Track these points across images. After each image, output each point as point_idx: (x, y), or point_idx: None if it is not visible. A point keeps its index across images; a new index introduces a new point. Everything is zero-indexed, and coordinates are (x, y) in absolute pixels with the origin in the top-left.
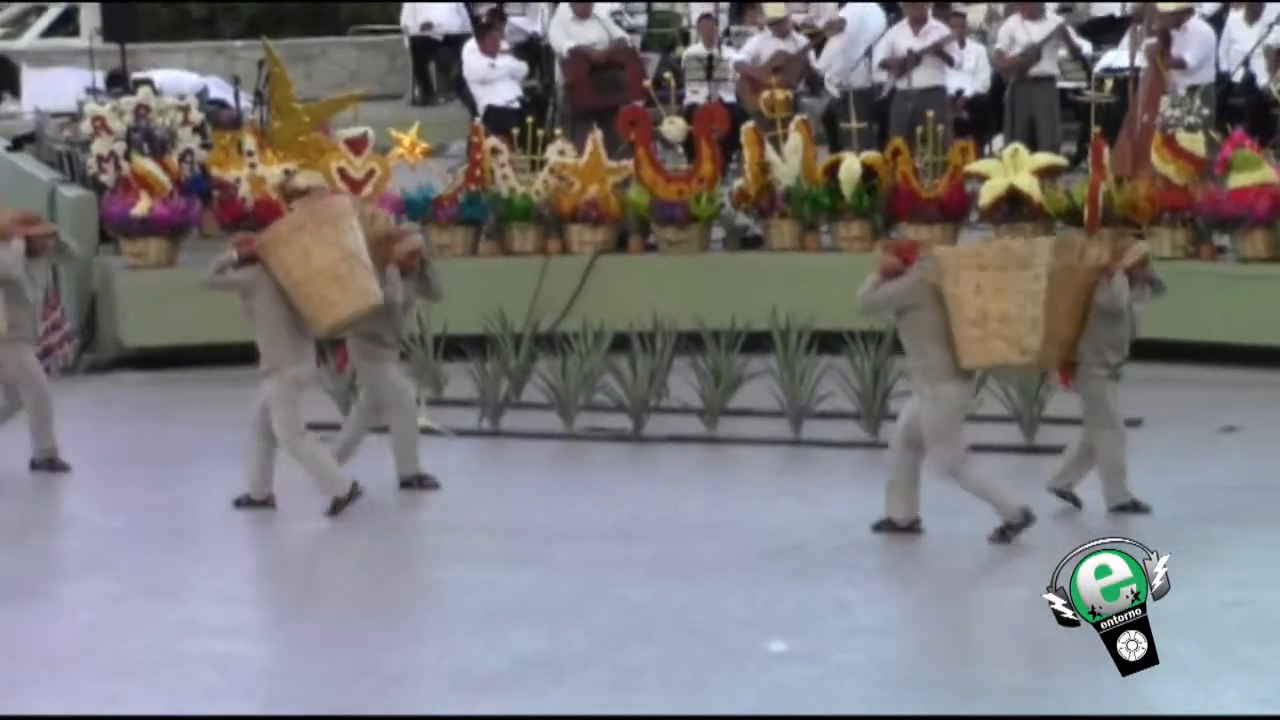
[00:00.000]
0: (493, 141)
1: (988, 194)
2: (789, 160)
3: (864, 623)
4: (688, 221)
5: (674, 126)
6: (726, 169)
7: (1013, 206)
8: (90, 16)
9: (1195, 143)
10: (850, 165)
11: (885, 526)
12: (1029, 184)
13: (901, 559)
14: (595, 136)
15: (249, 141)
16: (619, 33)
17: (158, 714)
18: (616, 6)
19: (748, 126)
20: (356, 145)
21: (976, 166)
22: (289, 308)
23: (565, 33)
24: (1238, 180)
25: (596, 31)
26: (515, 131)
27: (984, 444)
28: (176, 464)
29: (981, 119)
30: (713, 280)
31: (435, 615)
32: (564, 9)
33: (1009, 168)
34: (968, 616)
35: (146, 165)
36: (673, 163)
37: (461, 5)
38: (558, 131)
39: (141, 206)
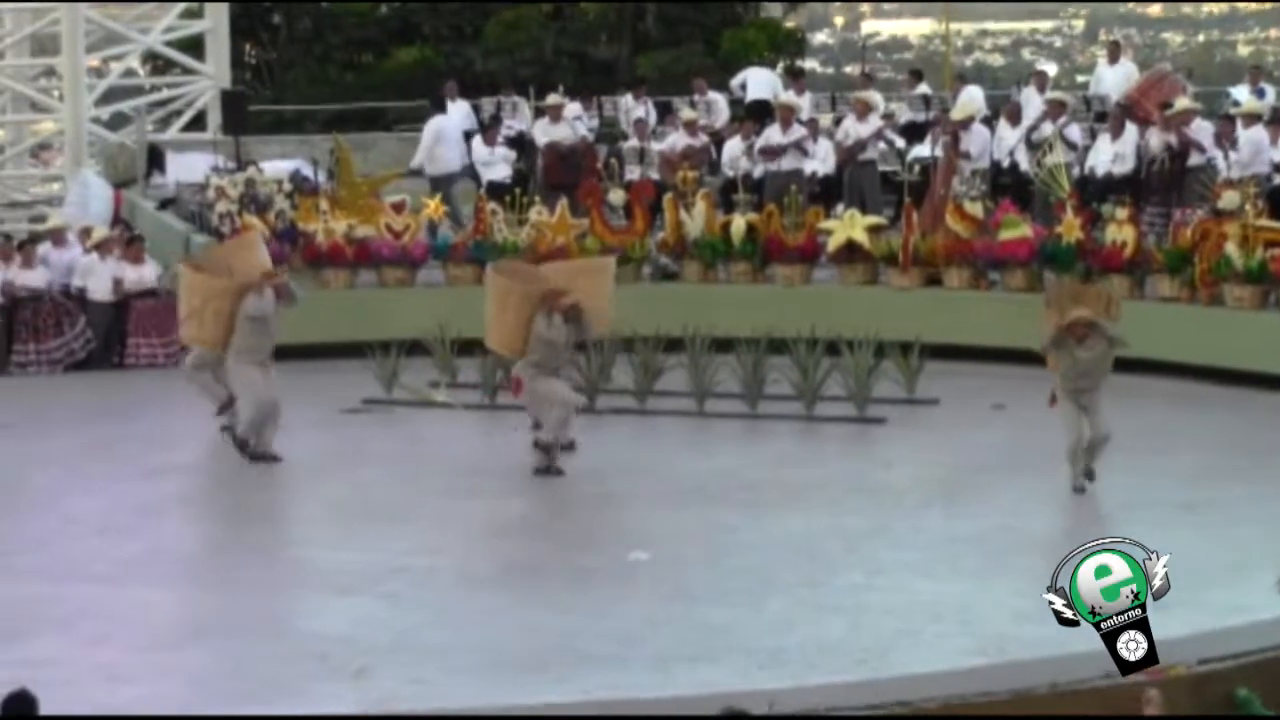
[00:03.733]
0: (492, 205)
1: (833, 243)
2: (696, 220)
3: (746, 538)
4: (626, 261)
5: (617, 196)
6: (653, 225)
7: (850, 251)
8: (214, 116)
9: (976, 209)
10: (738, 223)
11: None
12: (862, 236)
13: (777, 495)
14: (562, 203)
15: (324, 204)
16: (582, 130)
17: (163, 714)
18: (578, 110)
19: (668, 196)
20: (398, 207)
21: (825, 224)
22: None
23: (543, 132)
24: (1006, 235)
25: (565, 130)
26: (508, 198)
27: (826, 415)
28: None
29: (828, 192)
30: (643, 301)
31: (450, 530)
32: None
33: (848, 225)
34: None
35: (253, 220)
36: (616, 221)
37: (470, 111)
38: (537, 199)
39: None
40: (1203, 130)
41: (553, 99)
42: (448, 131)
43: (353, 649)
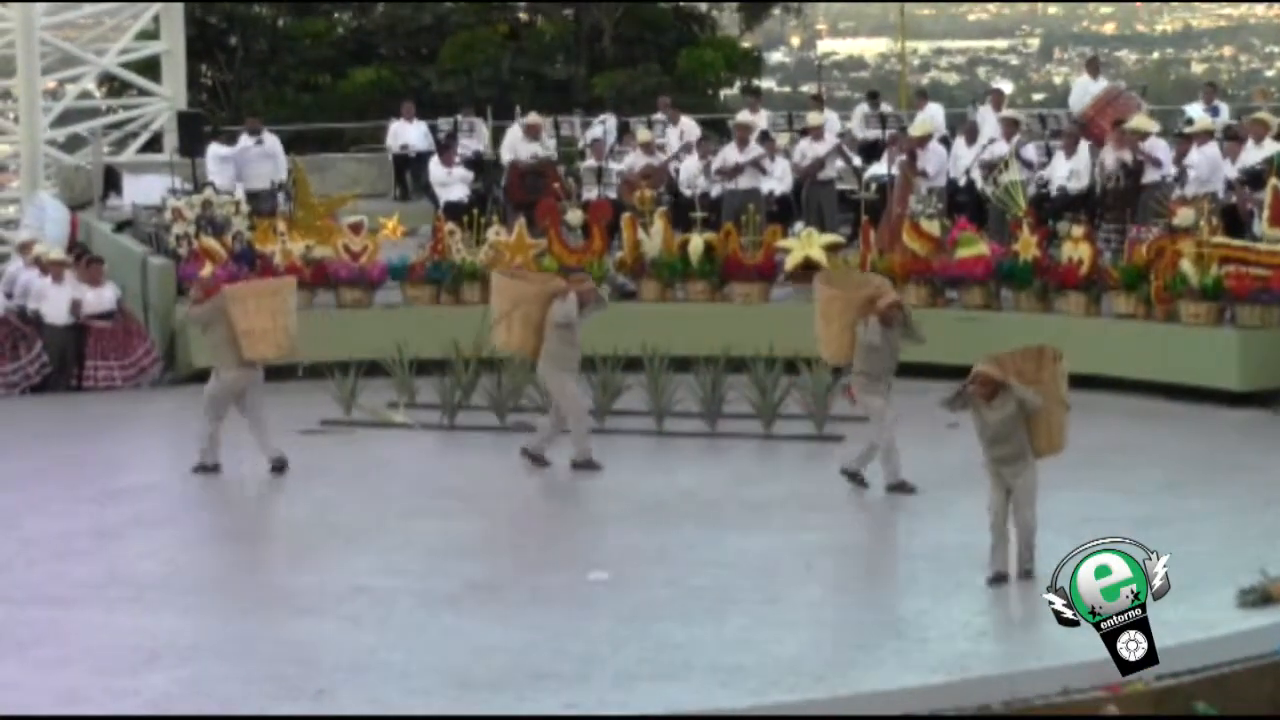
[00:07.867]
0: (450, 225)
1: (790, 262)
2: (654, 239)
3: (705, 556)
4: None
5: (575, 215)
6: (611, 245)
7: (808, 270)
8: (170, 139)
9: (933, 227)
10: (696, 242)
11: (200, 470)
12: (819, 255)
13: (737, 513)
14: (520, 222)
15: (281, 225)
16: (550, 148)
17: (156, 714)
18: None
19: (626, 216)
20: (355, 228)
21: (783, 243)
22: None
23: (513, 149)
24: (962, 253)
25: (538, 148)
26: (465, 219)
27: (784, 434)
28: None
29: (786, 211)
30: (601, 321)
31: (410, 550)
32: (516, 129)
33: (805, 244)
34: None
35: (210, 242)
36: (574, 240)
37: (428, 131)
38: (495, 219)
39: (206, 271)
40: (1158, 146)
41: (533, 117)
42: (227, 155)
43: (312, 670)
